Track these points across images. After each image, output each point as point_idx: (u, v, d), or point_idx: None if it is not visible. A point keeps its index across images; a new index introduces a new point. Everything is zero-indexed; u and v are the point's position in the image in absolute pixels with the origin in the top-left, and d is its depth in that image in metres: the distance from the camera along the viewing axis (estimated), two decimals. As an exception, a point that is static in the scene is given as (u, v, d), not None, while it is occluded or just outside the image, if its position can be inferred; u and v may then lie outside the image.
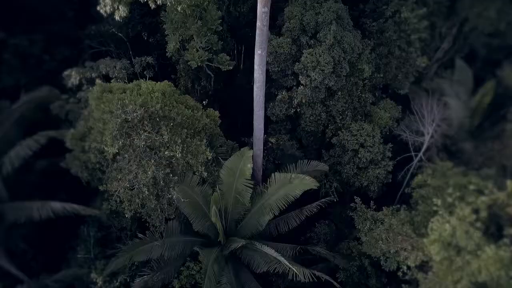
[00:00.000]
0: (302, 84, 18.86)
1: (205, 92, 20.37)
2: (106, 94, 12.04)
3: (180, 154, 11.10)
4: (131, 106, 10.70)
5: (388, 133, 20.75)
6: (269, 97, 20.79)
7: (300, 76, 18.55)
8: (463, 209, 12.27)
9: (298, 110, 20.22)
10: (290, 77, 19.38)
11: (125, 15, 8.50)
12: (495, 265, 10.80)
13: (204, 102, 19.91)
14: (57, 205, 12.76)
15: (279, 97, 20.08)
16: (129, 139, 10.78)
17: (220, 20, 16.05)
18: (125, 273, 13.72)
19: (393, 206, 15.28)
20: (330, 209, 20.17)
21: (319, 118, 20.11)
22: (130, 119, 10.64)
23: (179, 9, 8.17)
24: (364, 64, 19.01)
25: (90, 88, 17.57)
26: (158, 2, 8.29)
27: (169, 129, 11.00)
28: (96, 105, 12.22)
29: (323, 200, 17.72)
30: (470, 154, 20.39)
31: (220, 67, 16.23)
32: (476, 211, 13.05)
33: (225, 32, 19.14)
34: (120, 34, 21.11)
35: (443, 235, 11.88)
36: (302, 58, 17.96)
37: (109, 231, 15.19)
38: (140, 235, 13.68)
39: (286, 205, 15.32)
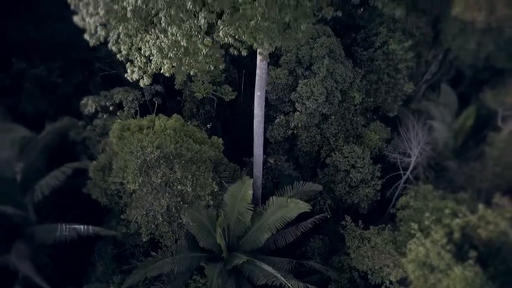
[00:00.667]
0: (298, 111, 20.62)
1: (209, 116, 22.08)
2: (125, 133, 13.79)
3: (190, 188, 12.86)
4: (149, 149, 12.47)
5: (378, 153, 22.51)
6: (268, 119, 22.55)
7: (296, 104, 20.33)
8: (437, 232, 13.99)
9: (295, 131, 21.99)
10: (287, 104, 21.14)
11: (148, 83, 10.08)
12: (461, 283, 12.51)
13: (208, 125, 21.62)
14: (80, 228, 14.48)
15: (277, 120, 21.85)
16: (147, 177, 12.54)
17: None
18: (139, 287, 15.43)
19: (379, 226, 16.96)
20: (324, 224, 21.86)
21: (314, 139, 21.87)
22: (148, 159, 12.40)
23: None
24: (355, 92, 20.76)
25: (105, 116, 19.39)
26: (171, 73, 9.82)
27: (181, 166, 12.73)
28: (116, 143, 13.98)
29: (317, 216, 19.39)
30: (454, 173, 22.14)
31: (223, 97, 17.94)
32: (451, 232, 14.81)
33: (227, 63, 20.88)
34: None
35: (419, 255, 13.60)
36: (298, 88, 19.73)
37: (124, 248, 16.92)
38: (153, 253, 15.42)
39: (283, 225, 17.04)
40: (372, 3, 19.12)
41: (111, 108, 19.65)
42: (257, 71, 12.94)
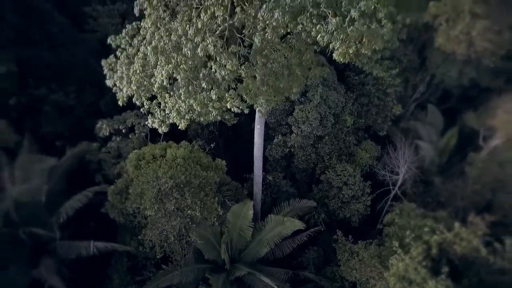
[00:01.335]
0: (294, 133, 22.49)
1: (212, 136, 23.93)
2: (141, 162, 15.65)
3: (199, 213, 14.71)
4: (163, 179, 14.32)
5: (368, 170, 24.37)
6: (267, 137, 24.42)
7: (293, 127, 22.19)
8: (416, 249, 15.87)
9: (292, 150, 23.86)
10: (284, 126, 23.01)
11: (166, 131, 11.85)
12: (435, 295, 14.39)
13: (212, 144, 23.46)
14: (100, 244, 16.31)
15: (275, 140, 23.72)
16: (162, 204, 14.37)
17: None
18: (152, 297, 17.28)
19: (366, 241, 18.82)
20: (319, 236, 23.73)
21: (309, 158, 23.74)
22: (162, 189, 14.23)
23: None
24: (347, 116, 22.63)
25: (118, 138, 21.24)
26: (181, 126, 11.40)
27: (190, 194, 14.56)
28: (133, 171, 15.85)
29: (312, 230, 21.29)
30: (439, 189, 24.01)
31: (226, 123, 19.76)
32: (429, 248, 16.70)
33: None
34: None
35: (399, 270, 15.48)
36: (294, 113, 21.59)
37: (137, 261, 18.78)
38: (164, 267, 17.28)
39: (280, 240, 18.91)
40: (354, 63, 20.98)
41: (123, 131, 21.49)
42: (256, 125, 14.83)
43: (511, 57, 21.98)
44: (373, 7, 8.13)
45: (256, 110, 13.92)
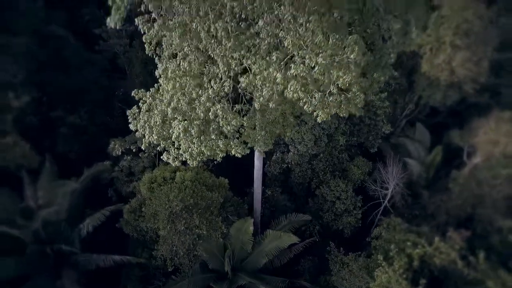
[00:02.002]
0: (291, 151, 24.42)
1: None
2: (153, 184, 17.59)
3: (206, 232, 16.62)
4: (174, 203, 16.23)
5: (360, 185, 26.29)
6: (266, 154, 26.31)
7: (290, 146, 24.13)
8: (398, 262, 17.81)
9: (289, 166, 25.80)
10: (282, 145, 24.95)
11: (179, 165, 13.81)
12: (414, 304, 16.32)
13: (215, 161, 25.32)
14: (117, 257, 18.22)
15: (274, 157, 25.65)
16: (173, 224, 16.28)
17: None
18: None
19: (356, 253, 20.73)
20: (315, 246, 25.66)
21: (305, 173, 25.67)
22: (174, 211, 16.15)
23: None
24: (339, 136, 24.55)
25: (129, 157, 23.14)
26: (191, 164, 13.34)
27: (198, 214, 16.48)
28: (146, 193, 17.77)
29: (307, 240, 23.23)
30: (425, 203, 25.95)
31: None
32: (411, 260, 18.65)
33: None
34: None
35: (383, 281, 17.42)
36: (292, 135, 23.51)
37: (147, 271, 20.70)
38: (173, 277, 19.20)
39: (277, 252, 20.84)
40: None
41: (134, 150, 23.40)
42: (256, 159, 16.83)
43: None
44: (347, 84, 10.13)
45: (256, 150, 15.87)
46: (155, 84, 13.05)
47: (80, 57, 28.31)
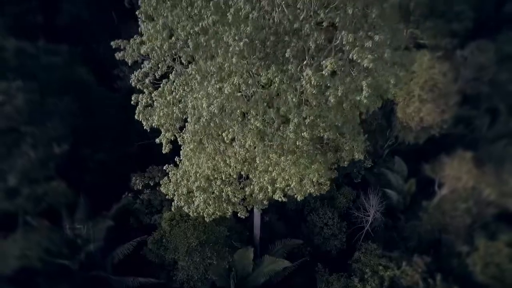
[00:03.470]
0: (286, 184, 28.61)
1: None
2: (173, 222, 21.82)
3: (216, 261, 20.83)
4: (191, 240, 20.39)
5: (345, 211, 30.49)
6: (265, 183, 30.55)
7: (285, 180, 28.31)
8: (371, 284, 22.04)
9: (284, 194, 29.99)
10: (278, 179, 29.12)
11: (196, 215, 18.07)
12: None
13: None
14: (142, 279, 22.39)
15: (271, 188, 29.84)
16: (191, 257, 20.46)
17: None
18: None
19: (339, 274, 24.93)
20: (306, 265, 29.84)
21: (298, 201, 29.82)
22: (191, 247, 20.32)
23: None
24: (327, 171, 28.68)
25: (148, 191, 27.34)
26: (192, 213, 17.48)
27: (210, 248, 20.67)
28: (166, 228, 21.95)
29: (299, 260, 27.46)
30: (402, 227, 30.16)
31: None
32: (383, 281, 22.90)
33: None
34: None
35: (358, 300, 21.65)
36: (285, 171, 27.67)
37: (169, 290, 24.95)
38: (187, 296, 23.47)
39: (274, 273, 25.07)
40: None
41: (152, 184, 27.59)
42: (255, 218, 21.09)
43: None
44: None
45: (255, 208, 20.17)
46: (177, 169, 17.20)
47: (104, 98, 32.36)
